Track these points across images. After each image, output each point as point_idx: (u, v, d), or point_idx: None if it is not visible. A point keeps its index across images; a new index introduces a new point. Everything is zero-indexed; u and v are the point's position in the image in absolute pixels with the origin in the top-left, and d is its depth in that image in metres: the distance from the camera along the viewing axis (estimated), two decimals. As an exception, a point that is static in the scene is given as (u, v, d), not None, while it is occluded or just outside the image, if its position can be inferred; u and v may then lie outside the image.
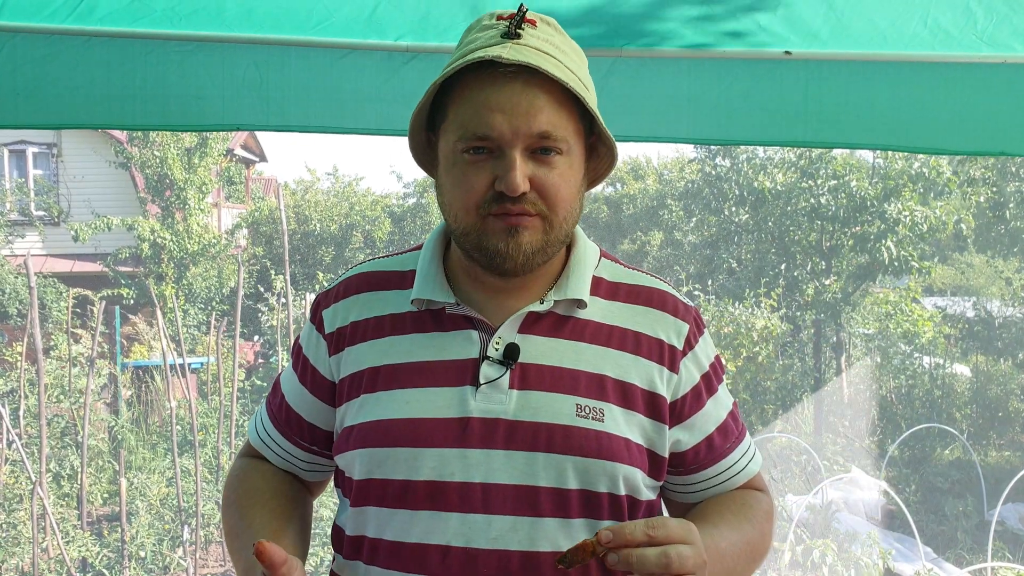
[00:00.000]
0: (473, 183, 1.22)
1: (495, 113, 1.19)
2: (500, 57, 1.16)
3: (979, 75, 1.99)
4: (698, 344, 1.36)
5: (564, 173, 1.24)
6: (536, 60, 1.17)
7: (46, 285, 14.77)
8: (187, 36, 2.20)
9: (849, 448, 11.39)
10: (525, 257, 1.24)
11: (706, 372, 1.36)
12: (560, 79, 1.17)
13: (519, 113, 1.19)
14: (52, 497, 7.85)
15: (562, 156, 1.23)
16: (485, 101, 1.19)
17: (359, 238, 20.77)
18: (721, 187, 14.21)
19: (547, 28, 1.25)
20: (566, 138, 1.22)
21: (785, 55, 1.83)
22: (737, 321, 12.42)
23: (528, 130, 1.19)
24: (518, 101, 1.19)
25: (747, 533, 1.33)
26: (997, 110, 2.03)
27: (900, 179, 12.27)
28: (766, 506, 1.42)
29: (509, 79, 1.18)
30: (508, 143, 1.20)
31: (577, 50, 1.28)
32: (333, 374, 1.37)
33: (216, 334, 10.55)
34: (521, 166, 1.20)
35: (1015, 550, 8.40)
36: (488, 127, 1.19)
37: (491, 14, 1.26)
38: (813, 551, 7.35)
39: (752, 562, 1.33)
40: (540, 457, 1.23)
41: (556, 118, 1.20)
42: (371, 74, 2.28)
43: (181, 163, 14.98)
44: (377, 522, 1.28)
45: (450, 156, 1.25)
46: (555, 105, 1.20)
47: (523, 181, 1.20)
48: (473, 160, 1.22)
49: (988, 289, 18.02)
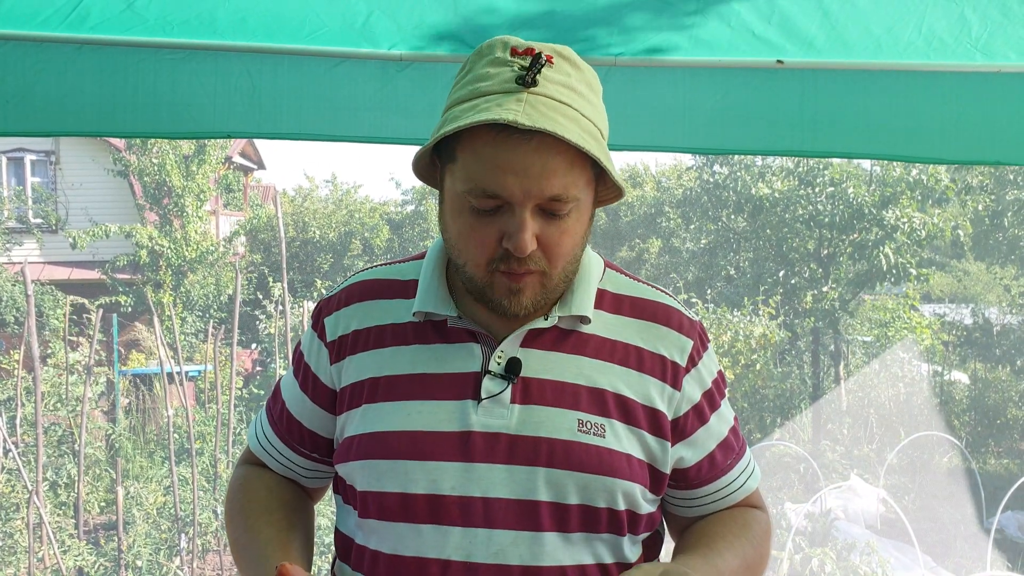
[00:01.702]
0: (482, 238, 1.20)
1: (507, 175, 1.15)
2: (517, 122, 1.11)
3: (974, 84, 1.98)
4: (701, 360, 1.35)
5: (570, 228, 1.22)
6: (553, 121, 1.13)
7: (44, 293, 14.77)
8: (179, 44, 2.20)
9: (848, 456, 11.38)
10: (526, 311, 1.25)
11: (708, 389, 1.35)
12: (577, 145, 1.13)
13: (532, 176, 1.15)
14: (49, 506, 7.82)
15: (570, 212, 1.21)
16: (497, 161, 1.15)
17: (358, 245, 20.80)
18: (719, 194, 14.23)
19: (564, 65, 1.20)
20: (577, 196, 1.19)
21: (777, 64, 1.82)
22: (735, 329, 12.42)
23: (540, 193, 1.16)
24: (531, 163, 1.15)
25: (748, 556, 1.34)
26: (992, 119, 2.02)
27: (898, 186, 12.29)
28: (764, 525, 1.42)
29: (523, 140, 1.14)
30: (519, 203, 1.17)
31: (590, 82, 1.24)
32: (334, 382, 1.36)
33: (214, 342, 10.54)
34: (530, 226, 1.18)
35: (1014, 559, 8.39)
36: (500, 187, 1.16)
37: (504, 43, 1.20)
38: (812, 560, 7.33)
39: None
40: (541, 472, 1.23)
41: (569, 179, 1.17)
42: (365, 82, 2.27)
43: (179, 171, 15.00)
44: (378, 534, 1.28)
45: (457, 201, 1.22)
46: (568, 165, 1.17)
47: (531, 241, 1.18)
48: (481, 213, 1.20)
49: (986, 296, 18.06)
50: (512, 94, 1.15)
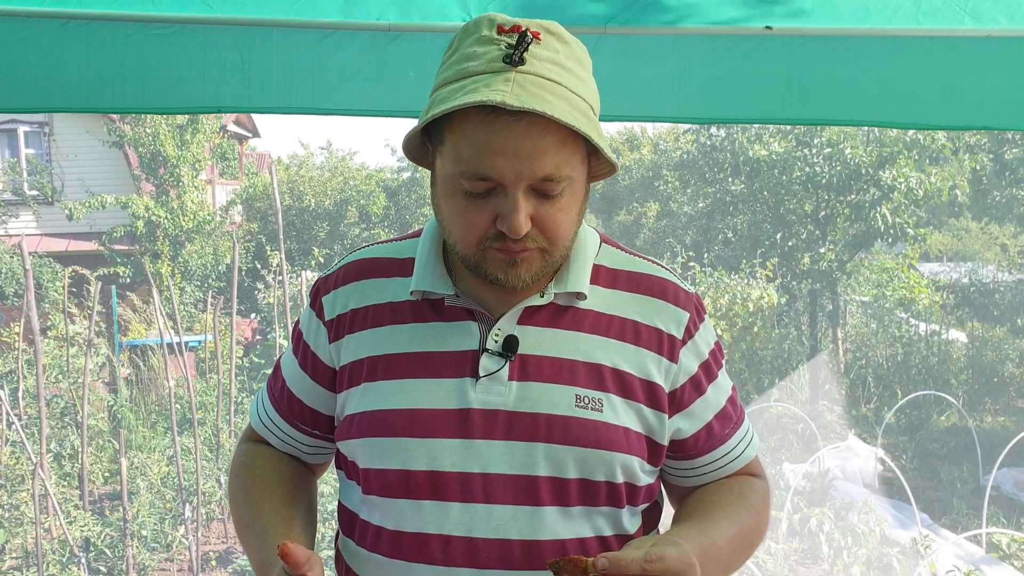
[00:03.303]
0: (474, 220, 1.20)
1: (498, 156, 1.14)
2: (505, 103, 1.09)
3: (964, 49, 1.97)
4: (698, 332, 1.35)
5: (566, 206, 1.21)
6: (542, 100, 1.11)
7: (42, 265, 14.76)
8: (167, 18, 2.18)
9: (846, 416, 11.45)
10: (524, 284, 1.25)
11: (705, 360, 1.36)
12: (568, 123, 1.11)
13: (522, 157, 1.14)
14: (53, 477, 7.87)
15: (564, 191, 1.20)
16: (487, 143, 1.14)
17: (354, 213, 20.74)
18: (716, 157, 14.15)
19: (551, 41, 1.19)
20: (570, 174, 1.18)
21: (766, 30, 1.81)
22: (733, 292, 12.43)
23: (532, 173, 1.15)
24: (521, 144, 1.14)
25: (745, 524, 1.34)
26: (982, 84, 2.01)
27: (895, 146, 12.23)
28: (762, 493, 1.42)
29: (513, 121, 1.13)
30: (511, 184, 1.16)
31: (579, 56, 1.22)
32: (334, 361, 1.37)
33: (213, 312, 10.55)
34: (524, 207, 1.17)
35: (1009, 515, 8.47)
36: (490, 169, 1.15)
37: (490, 20, 1.19)
38: (810, 519, 7.41)
39: (748, 550, 1.35)
40: (540, 447, 1.24)
41: (560, 158, 1.16)
42: (354, 53, 2.26)
43: (174, 140, 14.91)
44: (380, 510, 1.30)
45: (448, 183, 1.21)
46: (559, 144, 1.15)
47: (526, 222, 1.17)
48: (474, 195, 1.19)
49: (984, 255, 18.05)
50: (500, 74, 1.14)
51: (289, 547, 1.14)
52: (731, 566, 1.30)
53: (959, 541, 6.96)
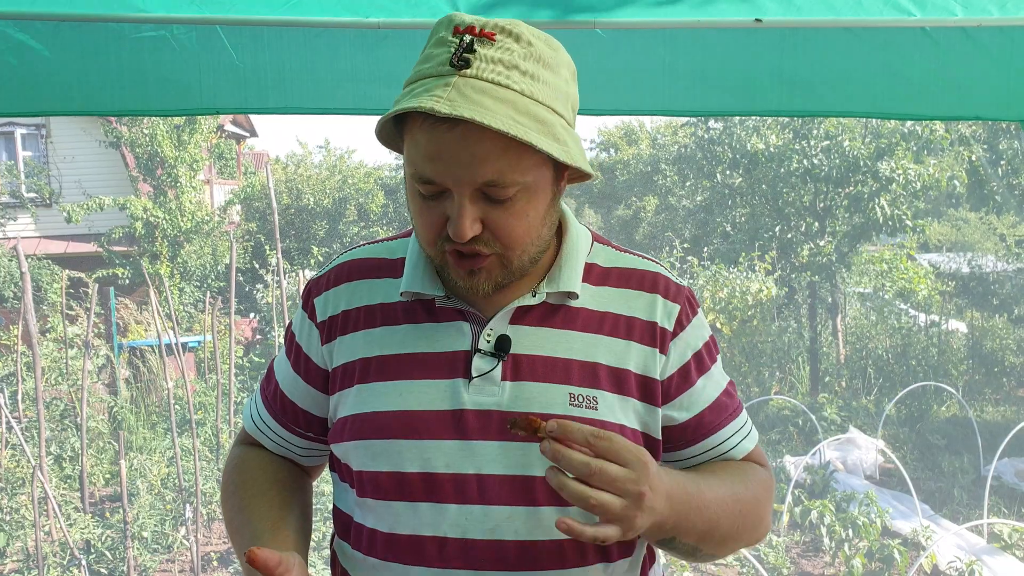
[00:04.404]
0: (429, 219, 1.20)
1: (436, 163, 1.13)
2: (434, 110, 1.07)
3: (955, 39, 1.97)
4: (690, 324, 1.34)
5: (521, 210, 1.18)
6: (477, 106, 1.09)
7: (40, 267, 14.75)
8: (161, 19, 2.18)
9: (846, 408, 11.45)
10: (487, 292, 1.24)
11: (697, 351, 1.35)
12: (500, 130, 1.08)
13: (460, 164, 1.12)
14: (54, 480, 7.88)
15: (516, 196, 1.17)
16: (428, 148, 1.13)
17: (353, 211, 20.73)
18: (714, 151, 14.15)
19: (507, 42, 1.15)
20: (517, 180, 1.15)
21: (756, 23, 1.81)
22: (732, 285, 12.43)
23: (471, 179, 1.13)
24: (457, 152, 1.12)
25: (738, 491, 1.31)
26: (972, 74, 2.01)
27: (893, 137, 12.23)
28: (763, 476, 1.39)
29: (448, 128, 1.10)
30: (454, 188, 1.15)
31: (542, 56, 1.17)
32: (326, 362, 1.36)
33: (212, 312, 10.56)
34: (469, 211, 1.15)
35: (1011, 505, 8.47)
36: (433, 174, 1.14)
37: (450, 21, 1.16)
38: (811, 512, 7.42)
39: (742, 521, 1.30)
40: (535, 446, 1.22)
41: (504, 163, 1.13)
42: (346, 53, 2.26)
43: (171, 141, 14.90)
44: (375, 512, 1.29)
45: (409, 183, 1.21)
46: (501, 149, 1.12)
47: (470, 227, 1.16)
48: (427, 195, 1.18)
49: (982, 245, 18.05)
50: (443, 78, 1.12)
51: (256, 552, 1.12)
52: (718, 527, 1.26)
53: (960, 532, 6.96)
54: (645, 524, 1.12)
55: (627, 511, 1.10)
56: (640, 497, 1.10)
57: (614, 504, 1.09)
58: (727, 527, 1.27)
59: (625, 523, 1.10)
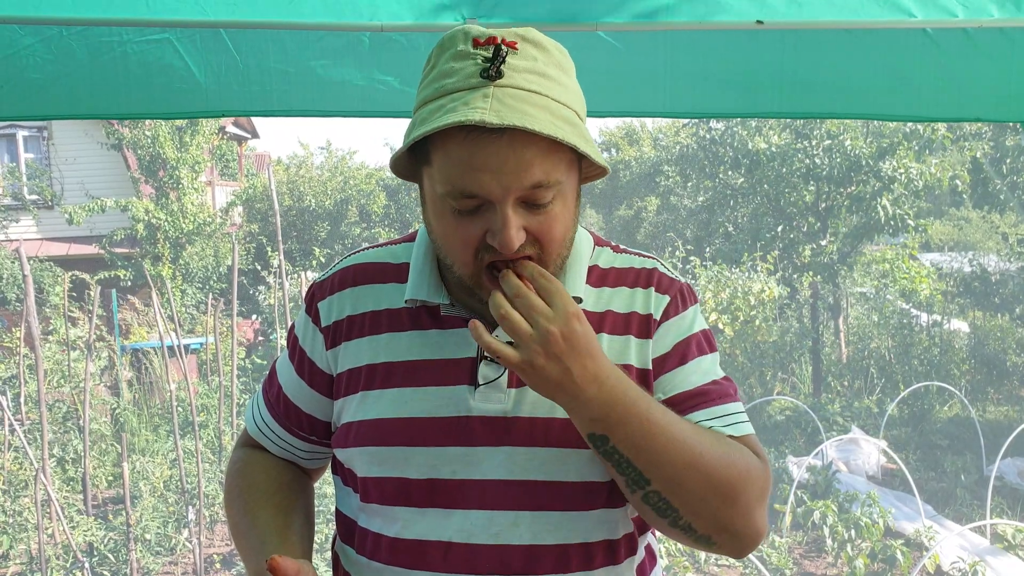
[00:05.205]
0: (465, 236, 1.18)
1: (483, 174, 1.12)
2: (485, 122, 1.07)
3: (956, 40, 1.97)
4: (679, 315, 1.33)
5: (558, 213, 1.19)
6: (522, 114, 1.10)
7: (42, 269, 14.77)
8: (164, 22, 2.18)
9: (848, 408, 11.44)
10: None
11: (684, 339, 1.32)
12: (551, 136, 1.10)
13: (508, 171, 1.12)
14: (57, 482, 7.89)
15: (554, 199, 1.18)
16: (471, 161, 1.12)
17: (354, 212, 20.73)
18: (716, 151, 14.15)
19: (529, 49, 1.16)
20: (559, 179, 1.16)
21: (757, 25, 1.81)
22: (734, 285, 12.43)
23: (520, 185, 1.13)
24: (506, 159, 1.12)
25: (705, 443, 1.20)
26: (973, 75, 2.01)
27: (895, 137, 12.22)
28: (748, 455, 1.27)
29: (496, 137, 1.11)
30: (499, 199, 1.14)
31: (560, 61, 1.20)
32: (331, 367, 1.36)
33: (214, 313, 10.56)
34: (514, 221, 1.15)
35: (1014, 505, 8.46)
36: (477, 187, 1.13)
37: (465, 34, 1.16)
38: (814, 512, 7.41)
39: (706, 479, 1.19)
40: (540, 452, 1.24)
41: (548, 165, 1.14)
42: (348, 55, 2.26)
43: (173, 142, 14.91)
44: (380, 518, 1.29)
45: (438, 204, 1.19)
46: (544, 152, 1.13)
47: (517, 236, 1.15)
48: (464, 213, 1.17)
49: (985, 244, 18.02)
50: (478, 90, 1.12)
51: (278, 561, 1.15)
52: (665, 457, 1.17)
53: (963, 532, 6.96)
54: (552, 375, 1.12)
55: (531, 342, 1.11)
56: (548, 335, 1.11)
57: (521, 326, 1.12)
58: (681, 469, 1.18)
59: (526, 353, 1.12)
